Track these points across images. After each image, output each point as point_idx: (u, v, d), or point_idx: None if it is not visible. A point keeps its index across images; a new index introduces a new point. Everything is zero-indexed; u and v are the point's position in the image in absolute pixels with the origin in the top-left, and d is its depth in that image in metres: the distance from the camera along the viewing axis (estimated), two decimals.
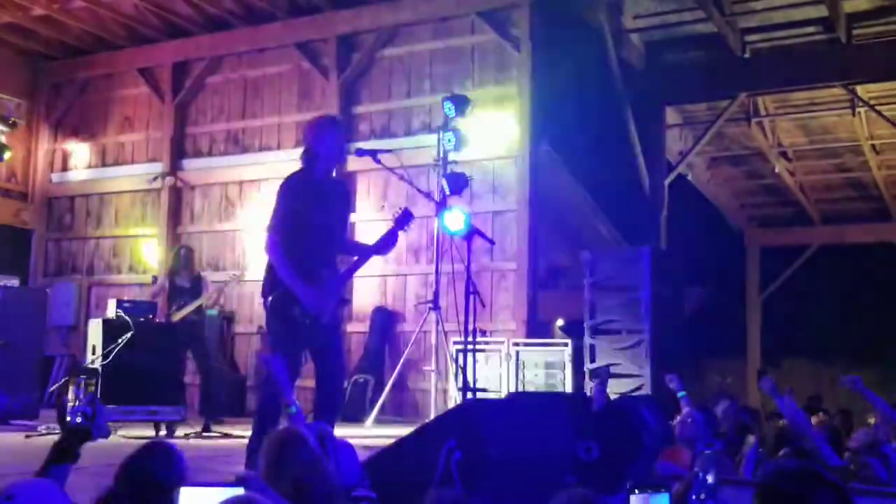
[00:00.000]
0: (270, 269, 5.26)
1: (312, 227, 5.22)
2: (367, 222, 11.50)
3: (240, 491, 2.30)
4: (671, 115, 13.91)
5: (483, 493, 3.90)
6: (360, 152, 6.10)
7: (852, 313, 17.12)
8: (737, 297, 18.12)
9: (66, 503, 2.50)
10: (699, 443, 2.66)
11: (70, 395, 2.75)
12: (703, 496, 2.62)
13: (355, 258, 5.63)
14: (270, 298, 5.22)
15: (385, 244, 5.61)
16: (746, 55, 12.50)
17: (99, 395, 7.21)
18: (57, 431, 7.42)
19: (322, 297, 5.15)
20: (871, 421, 7.93)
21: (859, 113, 13.95)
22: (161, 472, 3.07)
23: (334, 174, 5.71)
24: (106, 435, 3.19)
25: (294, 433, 3.19)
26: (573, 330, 11.80)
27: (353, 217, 11.72)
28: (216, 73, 13.38)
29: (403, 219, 5.47)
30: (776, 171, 16.01)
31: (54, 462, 2.89)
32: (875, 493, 4.89)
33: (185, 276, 9.29)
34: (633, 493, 2.07)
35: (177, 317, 9.05)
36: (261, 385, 3.71)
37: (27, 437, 7.63)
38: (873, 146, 15.29)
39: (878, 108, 13.20)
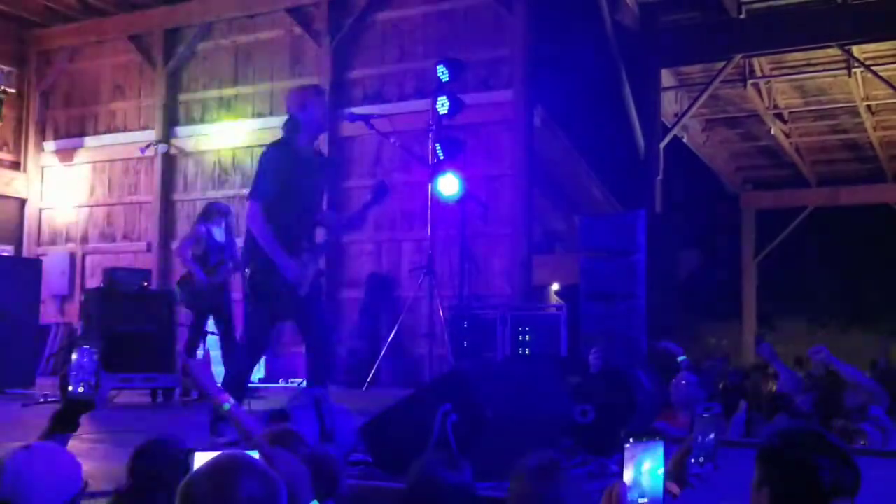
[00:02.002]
0: (250, 237, 5.23)
1: (294, 196, 5.18)
2: (361, 189, 11.44)
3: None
4: (666, 78, 13.83)
5: (479, 456, 3.90)
6: (353, 117, 6.07)
7: (847, 275, 17.18)
8: (732, 259, 18.15)
9: (78, 469, 2.51)
10: (698, 406, 2.64)
11: (73, 365, 2.75)
12: (701, 459, 2.60)
13: (330, 230, 5.61)
14: (248, 270, 5.20)
15: (361, 217, 5.61)
16: (742, 16, 12.41)
17: None
18: (53, 400, 7.42)
19: (301, 268, 5.12)
20: None
21: (855, 74, 13.90)
22: (170, 468, 3.05)
23: (317, 144, 5.66)
24: (104, 404, 3.17)
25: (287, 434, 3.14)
26: (568, 294, 11.81)
27: (346, 183, 11.68)
28: (207, 39, 13.26)
29: (379, 192, 5.46)
30: (772, 132, 15.97)
31: (55, 430, 2.88)
32: (874, 452, 4.92)
33: (220, 234, 8.60)
34: (628, 442, 2.06)
35: (212, 276, 8.35)
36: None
37: (25, 406, 7.65)
38: (869, 107, 15.25)
39: (873, 68, 13.14)
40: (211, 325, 8.45)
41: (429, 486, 3.00)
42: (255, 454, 2.28)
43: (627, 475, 2.06)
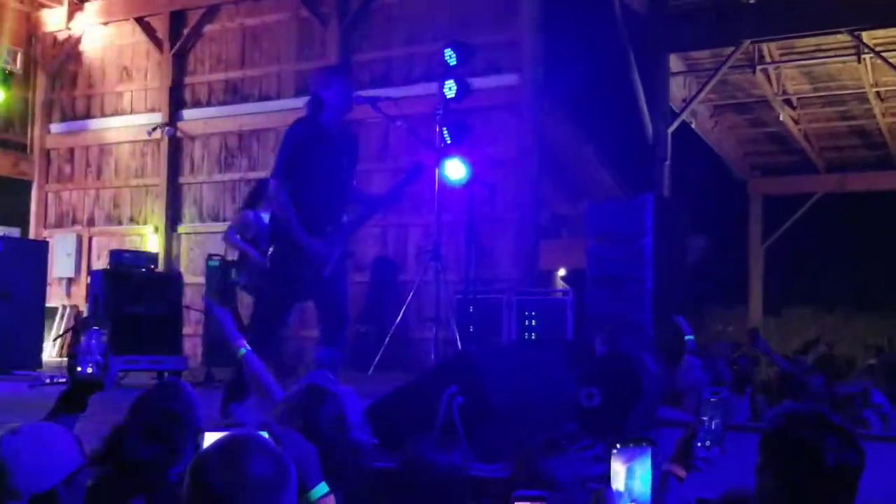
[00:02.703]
0: (273, 217, 5.21)
1: (318, 175, 5.14)
2: (368, 172, 11.42)
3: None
4: (675, 63, 13.77)
5: (484, 438, 3.91)
6: (359, 100, 6.03)
7: (855, 261, 17.12)
8: (739, 245, 18.10)
9: (74, 446, 2.49)
10: (705, 390, 2.64)
11: (81, 346, 2.75)
12: (708, 443, 2.60)
13: (361, 211, 5.58)
14: (271, 250, 5.18)
15: (394, 196, 5.57)
16: (751, 1, 12.34)
17: None
18: (60, 381, 7.44)
19: (325, 248, 5.08)
20: None
21: (864, 60, 13.80)
22: (177, 405, 3.07)
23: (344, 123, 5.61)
24: (112, 386, 3.18)
25: (320, 389, 3.14)
26: (575, 279, 11.79)
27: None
28: (214, 21, 13.24)
29: (415, 172, 5.43)
30: (780, 118, 15.89)
31: (62, 411, 2.88)
32: (877, 437, 4.92)
33: (268, 218, 8.38)
34: (614, 448, 2.04)
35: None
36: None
37: (31, 387, 7.67)
38: (878, 93, 15.16)
39: (883, 54, 13.05)
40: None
41: (419, 467, 3.00)
42: (266, 434, 2.28)
43: (617, 482, 2.06)
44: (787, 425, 2.20)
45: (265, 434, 2.27)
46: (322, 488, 2.24)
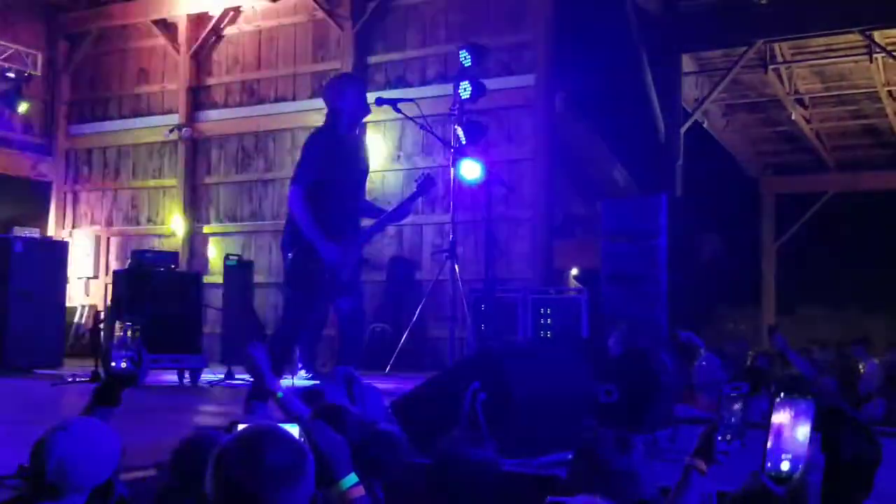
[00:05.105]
0: (291, 222, 5.33)
1: (337, 183, 5.28)
2: (381, 172, 11.54)
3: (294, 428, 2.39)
4: (687, 63, 13.81)
5: (506, 434, 4.01)
6: (380, 101, 6.16)
7: (867, 260, 17.11)
8: (752, 244, 18.11)
9: (115, 440, 2.60)
10: (725, 385, 2.70)
11: (116, 341, 2.83)
12: (729, 437, 2.66)
13: (374, 221, 5.72)
14: (291, 255, 5.30)
15: (404, 210, 5.70)
16: (763, 1, 12.39)
17: None
18: (82, 380, 7.57)
19: (343, 253, 5.22)
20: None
21: (876, 59, 13.82)
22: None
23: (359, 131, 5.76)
24: (143, 381, 3.28)
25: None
26: (588, 278, 11.87)
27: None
28: (231, 24, 13.36)
29: (425, 185, 5.54)
30: (792, 118, 15.92)
31: (98, 405, 2.96)
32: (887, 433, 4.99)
33: None
34: (779, 397, 2.00)
35: None
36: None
37: (53, 385, 7.80)
38: (890, 93, 15.17)
39: (895, 53, 13.09)
40: None
41: (453, 463, 3.07)
42: (295, 428, 2.38)
43: (780, 429, 2.04)
44: None
45: (295, 427, 2.37)
46: (351, 478, 2.28)
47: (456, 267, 9.64)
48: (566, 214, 13.44)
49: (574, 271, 14.32)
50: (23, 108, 12.97)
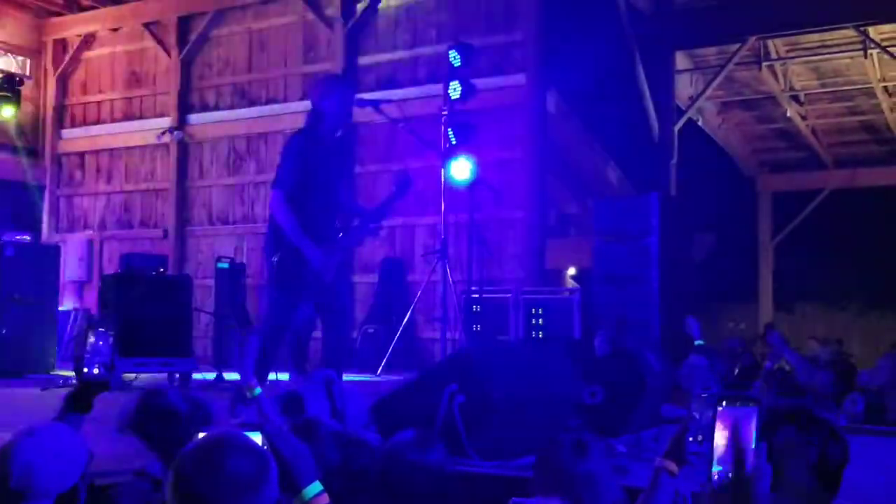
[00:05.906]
0: (275, 226, 5.30)
1: (318, 184, 5.26)
2: (373, 174, 11.49)
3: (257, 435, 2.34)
4: (681, 60, 13.77)
5: (486, 436, 3.95)
6: (362, 102, 6.11)
7: (865, 257, 17.07)
8: (749, 242, 18.08)
9: (83, 446, 2.57)
10: (696, 386, 2.68)
11: (89, 347, 2.80)
12: (700, 438, 2.63)
13: (355, 224, 5.69)
14: (276, 258, 5.27)
15: (383, 211, 5.67)
16: None
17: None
18: (73, 384, 7.52)
19: (326, 256, 5.19)
20: None
21: (871, 55, 13.78)
22: (180, 405, 3.16)
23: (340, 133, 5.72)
24: (119, 386, 3.26)
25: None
26: (584, 278, 11.83)
27: (357, 168, 11.71)
28: (221, 26, 13.32)
29: (402, 185, 5.52)
30: (787, 115, 15.87)
31: (69, 411, 2.93)
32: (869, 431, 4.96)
33: None
34: (721, 405, 2.00)
35: None
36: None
37: (43, 390, 7.74)
38: (885, 88, 15.12)
39: (890, 49, 13.04)
40: None
41: (398, 467, 3.03)
42: (258, 435, 2.33)
43: (720, 437, 2.04)
44: (772, 420, 2.25)
45: (258, 434, 2.32)
46: (315, 487, 2.25)
47: (447, 268, 9.59)
48: (560, 214, 13.41)
49: (571, 271, 14.28)
50: (13, 111, 12.93)
